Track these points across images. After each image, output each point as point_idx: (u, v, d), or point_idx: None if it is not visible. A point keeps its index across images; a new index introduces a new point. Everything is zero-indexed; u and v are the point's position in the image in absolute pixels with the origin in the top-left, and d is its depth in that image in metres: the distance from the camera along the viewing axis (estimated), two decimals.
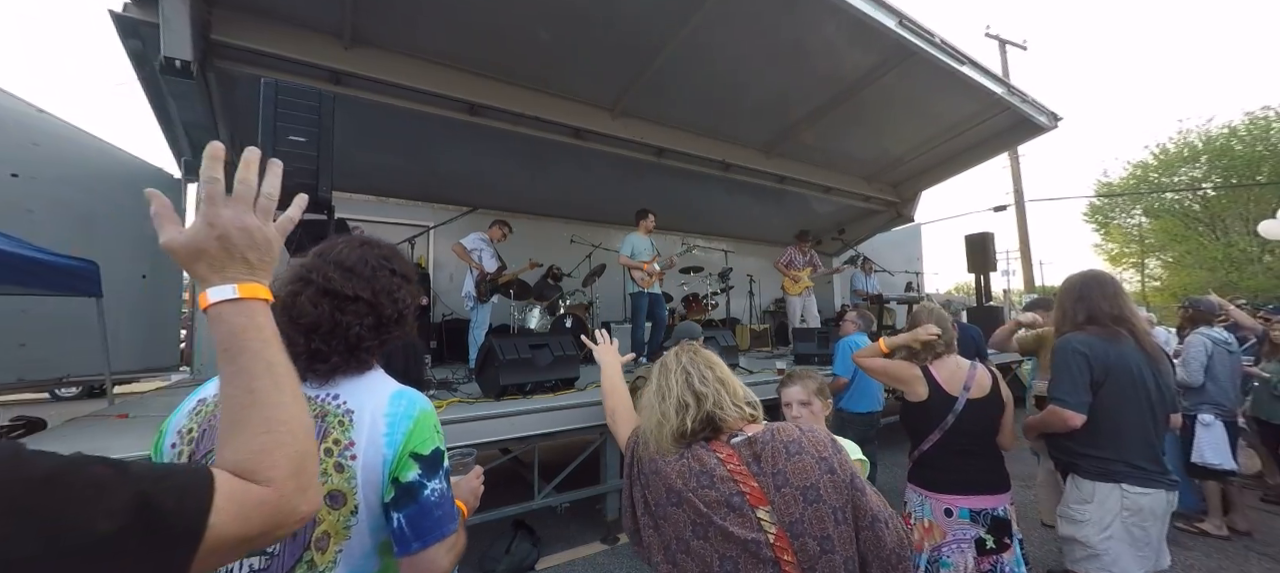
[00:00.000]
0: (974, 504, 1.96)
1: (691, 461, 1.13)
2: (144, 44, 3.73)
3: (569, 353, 4.06)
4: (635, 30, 4.85)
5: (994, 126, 7.20)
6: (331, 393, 0.97)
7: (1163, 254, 21.65)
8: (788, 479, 1.05)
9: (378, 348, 1.03)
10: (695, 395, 1.17)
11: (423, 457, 0.94)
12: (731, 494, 1.06)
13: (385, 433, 0.93)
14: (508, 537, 3.53)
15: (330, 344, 0.96)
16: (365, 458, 0.91)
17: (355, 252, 1.05)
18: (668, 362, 1.28)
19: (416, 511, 0.91)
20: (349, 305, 0.98)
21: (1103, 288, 2.12)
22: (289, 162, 3.02)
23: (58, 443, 2.56)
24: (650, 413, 1.23)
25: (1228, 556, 3.55)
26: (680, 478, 1.12)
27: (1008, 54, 14.19)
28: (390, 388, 1.00)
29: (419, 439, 0.95)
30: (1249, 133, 17.72)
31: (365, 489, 0.91)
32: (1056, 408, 2.01)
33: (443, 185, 7.03)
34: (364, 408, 0.95)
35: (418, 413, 0.98)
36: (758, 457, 1.09)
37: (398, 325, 1.05)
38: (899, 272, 9.31)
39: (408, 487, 0.92)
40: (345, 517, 0.89)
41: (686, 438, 1.15)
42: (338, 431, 0.93)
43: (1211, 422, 3.74)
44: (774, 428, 1.15)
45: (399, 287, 1.05)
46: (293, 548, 0.88)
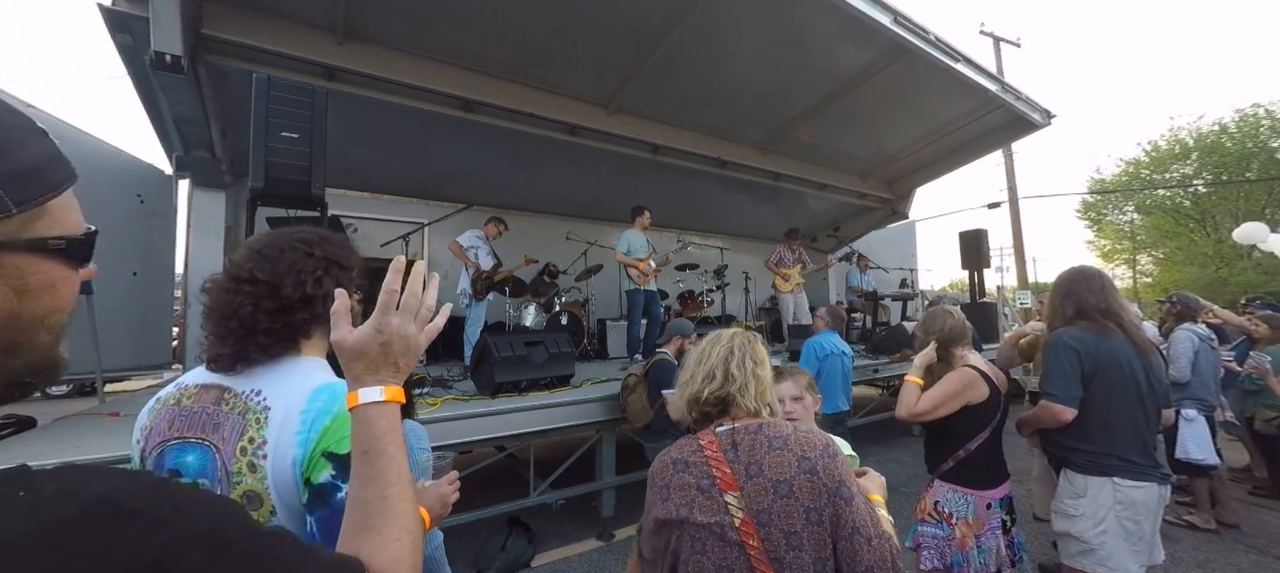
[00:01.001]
0: (1003, 493, 2.11)
1: (676, 451, 1.18)
2: (134, 38, 3.69)
3: (564, 350, 4.07)
4: (631, 27, 4.84)
5: (988, 124, 7.23)
6: (254, 389, 0.93)
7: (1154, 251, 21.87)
8: (762, 470, 1.07)
9: (285, 334, 0.97)
10: (726, 374, 1.21)
11: (338, 457, 0.87)
12: (702, 478, 1.11)
13: (297, 430, 0.88)
14: (503, 534, 3.53)
15: (226, 328, 0.94)
16: (274, 457, 0.87)
17: (272, 235, 1.02)
18: (722, 335, 1.31)
19: (327, 514, 0.84)
20: (243, 287, 0.95)
21: (1089, 283, 2.14)
22: (281, 158, 3.02)
23: (49, 442, 2.54)
24: (686, 372, 1.29)
25: (1215, 548, 3.60)
26: (660, 472, 1.18)
27: (1002, 51, 14.24)
28: (315, 383, 0.94)
29: (335, 438, 0.88)
30: (1239, 130, 17.89)
31: (278, 490, 0.87)
32: (1047, 403, 2.03)
33: (437, 182, 6.99)
34: (280, 404, 0.91)
35: (339, 409, 0.90)
36: (736, 445, 1.12)
37: (306, 308, 0.99)
38: (894, 269, 9.35)
39: (319, 489, 0.85)
40: (264, 518, 0.87)
41: (698, 407, 1.21)
42: (253, 428, 0.89)
43: (1195, 417, 3.79)
44: (764, 422, 1.16)
45: (312, 267, 1.00)
46: None
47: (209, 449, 0.90)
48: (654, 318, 5.72)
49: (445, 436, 3.09)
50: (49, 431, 2.90)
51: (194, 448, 0.91)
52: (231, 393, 0.94)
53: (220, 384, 0.96)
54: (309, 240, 1.04)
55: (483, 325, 5.36)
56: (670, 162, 6.79)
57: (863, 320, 8.30)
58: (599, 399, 3.72)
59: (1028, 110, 6.74)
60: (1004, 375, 2.24)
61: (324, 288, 1.01)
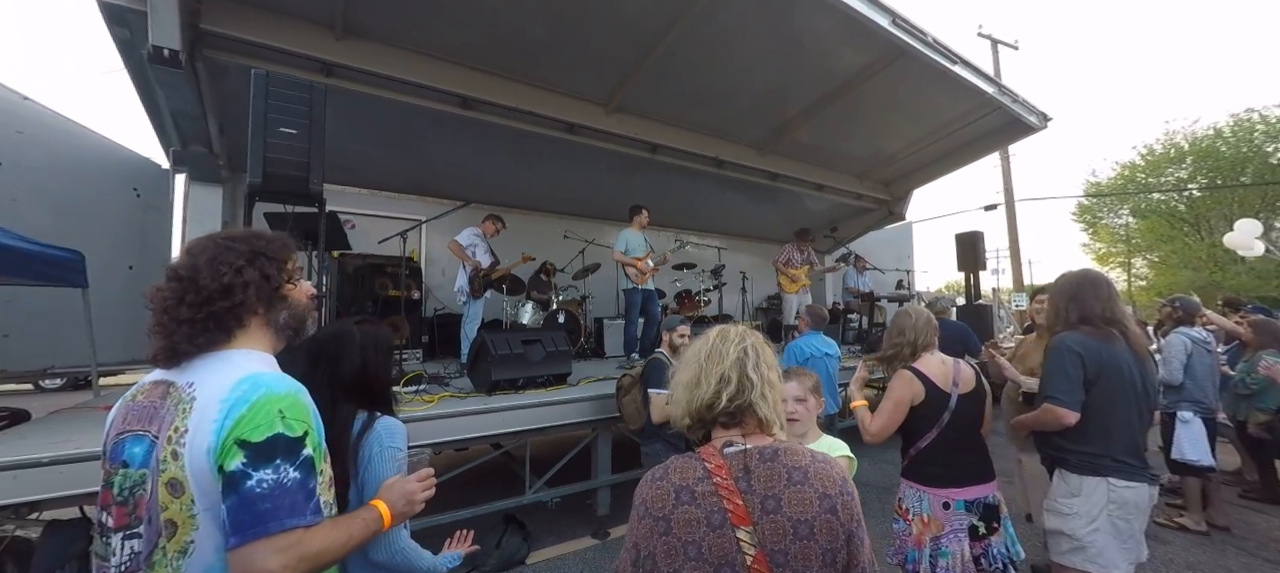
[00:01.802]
0: (968, 495, 2.04)
1: (676, 476, 1.02)
2: (131, 32, 3.68)
3: (561, 349, 4.07)
4: (630, 26, 4.84)
5: (985, 126, 7.26)
6: (189, 380, 0.98)
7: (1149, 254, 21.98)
8: (780, 506, 0.96)
9: (208, 324, 1.00)
10: (742, 378, 1.07)
11: (251, 444, 0.88)
12: (711, 511, 0.97)
13: (215, 418, 0.90)
14: (499, 531, 3.53)
15: (159, 324, 0.99)
16: (191, 444, 0.90)
17: (203, 237, 1.08)
18: (729, 332, 1.15)
19: (236, 502, 0.86)
20: (170, 284, 1.00)
21: (1096, 289, 2.15)
22: (279, 154, 3.01)
23: (43, 434, 2.53)
24: (689, 370, 1.12)
25: (1206, 550, 3.63)
26: (656, 501, 1.01)
27: (1000, 54, 14.29)
28: (241, 372, 0.96)
29: (250, 425, 0.89)
30: (1234, 135, 17.99)
31: (195, 478, 0.89)
32: (1051, 407, 2.04)
33: (435, 179, 6.98)
34: (204, 393, 0.94)
35: (257, 397, 0.92)
36: (749, 472, 1.00)
37: (225, 298, 1.01)
38: (891, 270, 9.36)
39: (230, 476, 0.87)
40: (187, 506, 0.90)
41: (707, 415, 1.08)
42: (179, 418, 0.93)
43: (1190, 419, 3.82)
44: (781, 447, 1.03)
45: (232, 259, 1.03)
46: (149, 534, 0.92)
47: (150, 441, 0.95)
48: (651, 317, 5.73)
49: (441, 433, 3.09)
50: (43, 424, 2.89)
51: (140, 440, 0.95)
52: (175, 387, 0.99)
53: (166, 380, 1.01)
54: (233, 236, 1.08)
55: (480, 323, 5.36)
56: (668, 161, 6.79)
57: (859, 321, 8.33)
58: (595, 398, 3.73)
59: (1024, 113, 6.77)
60: (972, 373, 2.20)
61: (243, 277, 1.03)
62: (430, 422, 3.03)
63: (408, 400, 3.40)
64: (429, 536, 3.43)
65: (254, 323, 1.07)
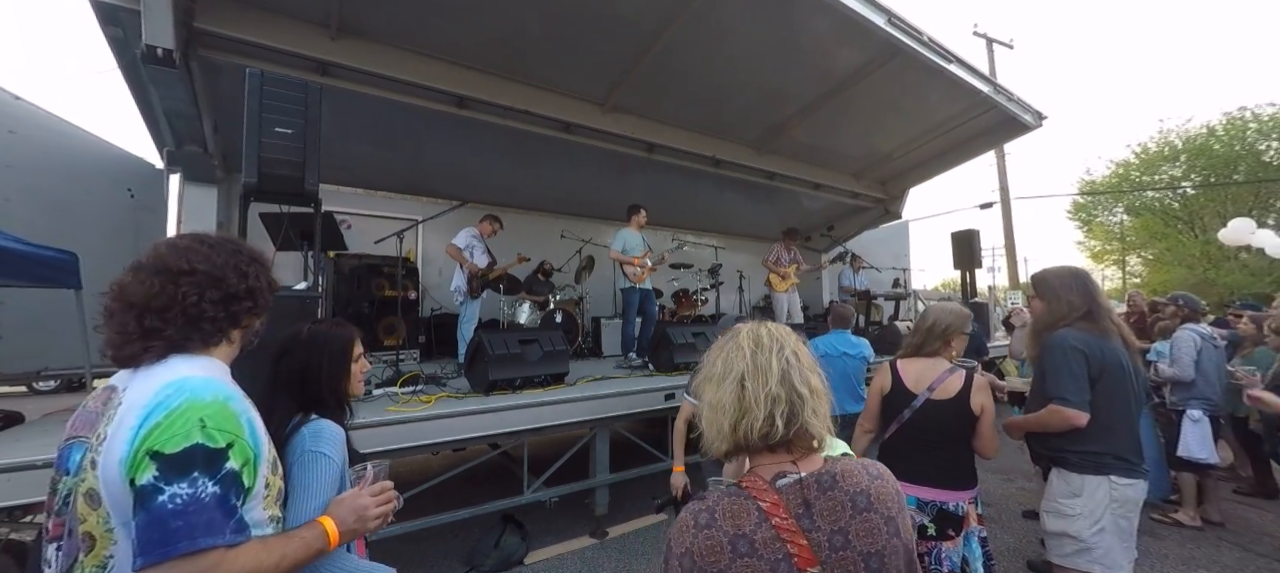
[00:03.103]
0: (922, 495, 2.03)
1: (726, 520, 0.86)
2: (125, 31, 3.65)
3: (559, 348, 4.06)
4: (626, 24, 4.83)
5: (980, 125, 7.28)
6: (126, 385, 0.92)
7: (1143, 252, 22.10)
8: (849, 541, 0.85)
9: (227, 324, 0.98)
10: (792, 395, 0.91)
11: (164, 456, 0.79)
12: (774, 559, 0.83)
13: (131, 426, 0.82)
14: (496, 531, 3.53)
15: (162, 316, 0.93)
16: (106, 452, 0.82)
17: (190, 235, 1.05)
18: (762, 338, 0.98)
19: (145, 519, 0.77)
20: (183, 279, 0.96)
21: (1096, 284, 2.15)
22: (274, 153, 3.00)
23: (37, 437, 2.52)
24: (728, 389, 0.94)
25: (1200, 546, 3.65)
26: (709, 554, 0.84)
27: (995, 53, 14.34)
28: (170, 376, 0.88)
29: (165, 434, 0.80)
30: (1227, 133, 18.11)
31: (108, 489, 0.82)
32: (1060, 408, 1.95)
33: (431, 179, 6.97)
34: (128, 398, 0.87)
35: (178, 404, 0.83)
36: (809, 505, 0.87)
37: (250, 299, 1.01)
38: (887, 268, 9.39)
39: (140, 491, 0.78)
40: (103, 518, 0.83)
41: (760, 444, 0.91)
42: (103, 424, 0.87)
43: (1200, 417, 3.77)
44: (838, 471, 0.90)
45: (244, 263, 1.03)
46: (69, 546, 0.87)
47: (85, 447, 0.91)
48: (649, 316, 5.73)
49: (439, 433, 3.09)
50: (37, 426, 2.87)
51: (80, 447, 0.92)
52: (117, 391, 0.94)
53: (114, 384, 0.96)
54: (232, 239, 1.07)
55: (477, 323, 5.35)
56: (665, 160, 6.79)
57: (856, 320, 8.34)
58: (593, 398, 3.73)
59: (1019, 112, 6.80)
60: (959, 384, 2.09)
61: (260, 281, 1.04)
62: (427, 422, 3.03)
63: (405, 400, 3.40)
64: (429, 535, 3.44)
65: (246, 324, 1.06)
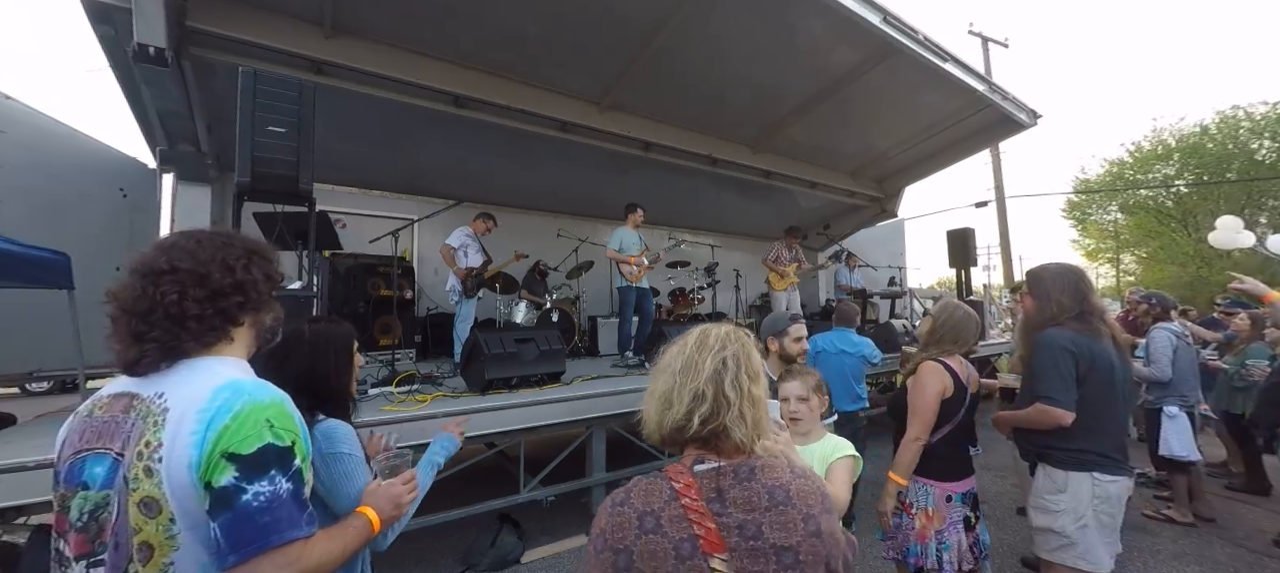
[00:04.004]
0: (965, 488, 2.12)
1: (639, 499, 0.90)
2: (116, 30, 3.62)
3: (555, 348, 4.06)
4: (623, 23, 4.83)
5: (976, 123, 7.31)
6: (158, 391, 0.91)
7: (1137, 250, 22.24)
8: (761, 532, 0.85)
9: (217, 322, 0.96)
10: (718, 395, 0.94)
11: (241, 457, 0.83)
12: (681, 540, 0.85)
13: (193, 431, 0.84)
14: (493, 530, 3.53)
15: (148, 323, 0.92)
16: (169, 460, 0.83)
17: (182, 233, 1.03)
18: (710, 337, 1.02)
19: (231, 518, 0.82)
20: (165, 279, 0.93)
21: (1090, 284, 2.15)
22: (268, 153, 2.98)
23: (29, 439, 2.50)
24: (663, 381, 0.99)
25: (1193, 542, 3.68)
26: (617, 531, 0.88)
27: (990, 51, 14.37)
28: (217, 381, 0.90)
29: (236, 438, 0.84)
30: (1220, 132, 18.24)
31: (175, 495, 0.83)
32: (1046, 407, 1.99)
33: (427, 178, 6.95)
34: (179, 405, 0.87)
35: (241, 407, 0.86)
36: (722, 493, 0.89)
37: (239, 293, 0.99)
38: (882, 267, 9.42)
39: (221, 492, 0.82)
40: (165, 525, 0.84)
41: (679, 437, 0.96)
42: (150, 431, 0.86)
43: (1177, 413, 3.84)
44: (758, 465, 0.93)
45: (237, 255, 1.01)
46: (116, 559, 0.85)
47: (112, 460, 0.88)
48: (645, 315, 5.73)
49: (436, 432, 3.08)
50: (30, 427, 2.85)
51: (101, 460, 0.89)
52: (139, 399, 0.91)
53: (130, 391, 0.94)
54: (224, 233, 1.05)
55: (473, 322, 5.34)
56: (662, 159, 6.79)
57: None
58: (590, 397, 3.73)
59: (1015, 110, 6.83)
60: (976, 375, 2.25)
61: (252, 275, 1.01)
62: (424, 422, 3.02)
63: (401, 400, 3.39)
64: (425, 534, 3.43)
65: (248, 323, 1.03)
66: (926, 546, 2.06)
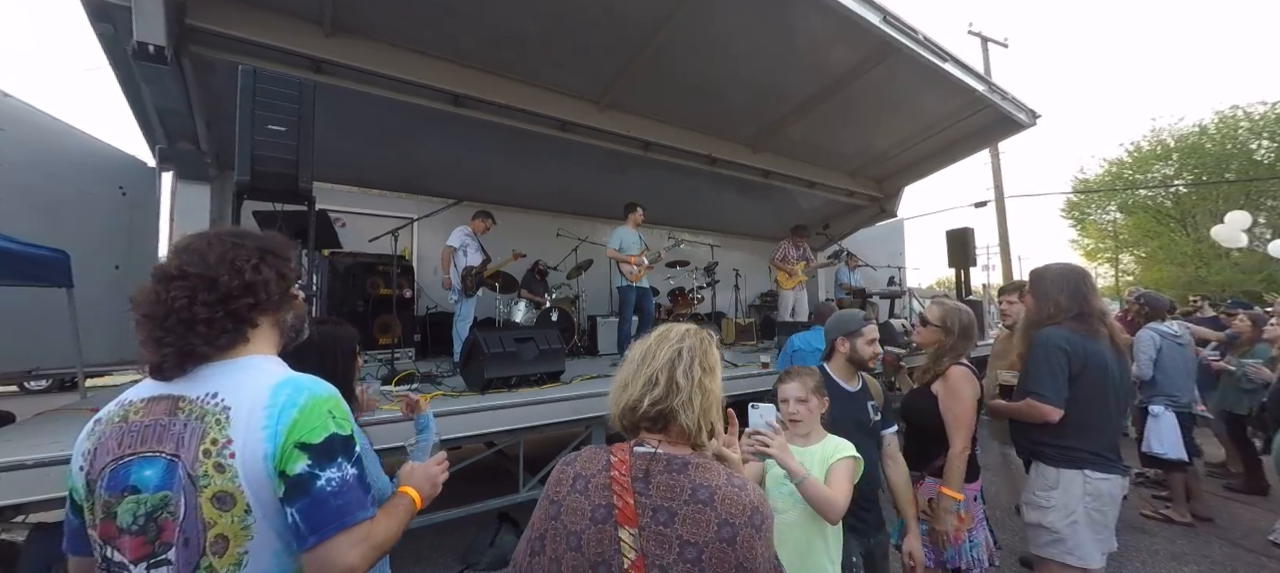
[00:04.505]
0: (979, 487, 2.20)
1: (579, 464, 1.02)
2: (116, 28, 3.61)
3: (555, 347, 4.06)
4: (622, 22, 4.83)
5: (975, 123, 7.31)
6: (209, 392, 0.93)
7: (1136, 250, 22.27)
8: (673, 521, 0.90)
9: (228, 324, 0.97)
10: (670, 381, 1.01)
11: (311, 445, 0.90)
12: (598, 506, 0.94)
13: (263, 425, 0.89)
14: (492, 529, 3.54)
15: (164, 328, 0.93)
16: (244, 454, 0.88)
17: (195, 235, 1.03)
18: (671, 332, 1.11)
19: (308, 503, 0.87)
20: (175, 284, 0.94)
21: (1091, 285, 2.18)
22: (268, 151, 2.98)
23: (28, 437, 2.50)
24: (625, 369, 1.09)
25: (1190, 541, 3.69)
26: (555, 485, 1.01)
27: (990, 51, 14.37)
28: (273, 379, 0.95)
29: (305, 428, 0.90)
30: (1218, 132, 18.27)
31: (251, 487, 0.88)
32: (1035, 403, 2.05)
33: (427, 177, 6.94)
34: (242, 402, 0.91)
35: (304, 401, 0.92)
36: (648, 475, 0.95)
37: (249, 295, 0.99)
38: (882, 266, 9.43)
39: (297, 479, 0.88)
40: (239, 517, 0.88)
41: (632, 418, 1.03)
42: (215, 429, 0.90)
43: (1161, 413, 3.86)
44: (694, 463, 0.97)
45: (247, 256, 1.01)
46: (187, 555, 0.86)
47: (167, 461, 0.89)
48: (645, 314, 5.73)
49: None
50: (29, 425, 2.85)
51: (150, 462, 0.89)
52: (185, 401, 0.93)
53: (171, 394, 0.94)
54: (236, 233, 1.05)
55: (472, 322, 5.34)
56: (661, 158, 6.78)
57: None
58: (589, 396, 3.73)
59: (1014, 110, 6.83)
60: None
61: (262, 275, 1.01)
62: None
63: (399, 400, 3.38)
64: (424, 533, 3.43)
65: (266, 324, 1.04)
66: (960, 547, 2.09)
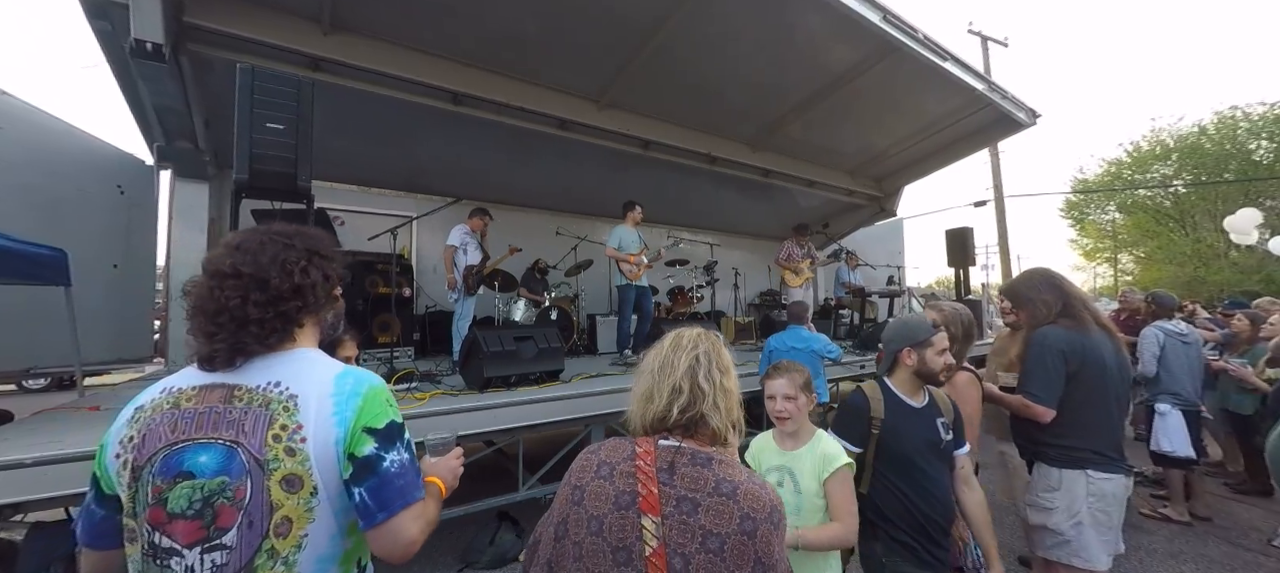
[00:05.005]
0: None
1: (604, 452, 1.04)
2: (113, 25, 3.61)
3: (554, 345, 4.06)
4: (622, 20, 4.82)
5: (975, 122, 7.31)
6: (271, 381, 0.97)
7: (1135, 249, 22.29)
8: (696, 512, 0.92)
9: (277, 325, 1.00)
10: (694, 387, 1.04)
11: (377, 430, 0.96)
12: (623, 491, 0.95)
13: (334, 412, 0.95)
14: (492, 528, 3.53)
15: (216, 324, 0.97)
16: (315, 439, 0.93)
17: (249, 232, 1.06)
18: (684, 338, 1.12)
19: (376, 482, 0.93)
20: (228, 282, 0.98)
21: (1061, 275, 2.19)
22: (266, 149, 2.98)
23: (27, 436, 2.49)
24: (644, 382, 1.10)
25: (1188, 540, 3.69)
26: (580, 471, 1.03)
27: (989, 51, 14.37)
28: (334, 369, 1.02)
29: (371, 414, 0.97)
30: (1217, 132, 18.27)
31: (321, 470, 0.92)
32: (1027, 403, 2.06)
33: (426, 175, 6.93)
34: (308, 391, 0.96)
35: (366, 390, 0.99)
36: (673, 467, 0.97)
37: (297, 298, 1.03)
38: (881, 266, 9.43)
39: (366, 460, 0.94)
40: (305, 499, 0.92)
41: (661, 429, 1.04)
42: (284, 416, 0.94)
43: (1167, 411, 3.86)
44: (718, 458, 0.99)
45: (296, 258, 1.04)
46: (250, 538, 0.88)
47: (225, 447, 0.91)
48: (645, 313, 5.73)
49: (434, 429, 3.08)
50: (27, 424, 2.84)
51: (206, 448, 0.91)
52: (242, 389, 0.96)
53: (224, 382, 0.97)
54: (287, 232, 1.08)
55: (472, 320, 5.33)
56: (661, 157, 6.78)
57: (851, 317, 8.37)
58: (588, 395, 3.72)
59: (1014, 109, 6.83)
60: None
61: (310, 277, 1.05)
62: (423, 419, 3.02)
63: (399, 398, 3.38)
64: None
65: (309, 323, 1.08)
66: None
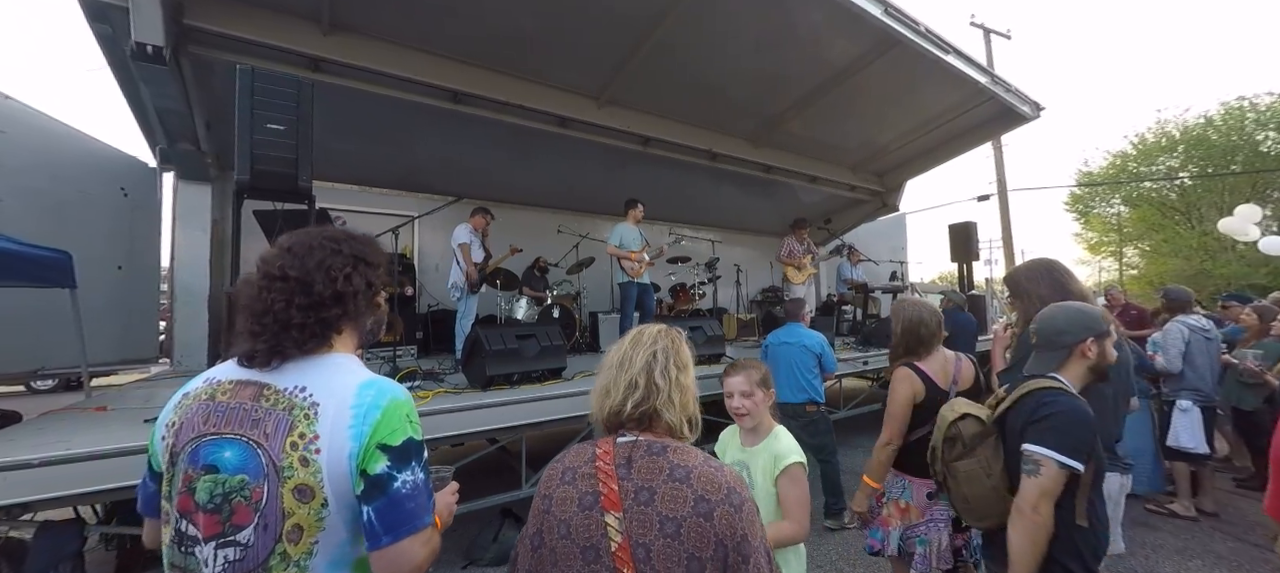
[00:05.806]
0: (931, 485, 2.06)
1: (569, 458, 1.07)
2: (114, 28, 3.62)
3: (556, 344, 4.06)
4: (621, 17, 4.81)
5: (978, 116, 7.27)
6: (298, 385, 0.96)
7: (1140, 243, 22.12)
8: (653, 500, 0.95)
9: (318, 330, 1.00)
10: (650, 383, 1.06)
11: (391, 448, 0.92)
12: (586, 493, 0.99)
13: (350, 424, 0.91)
14: (495, 525, 3.55)
15: (261, 324, 0.96)
16: (329, 451, 0.90)
17: (301, 234, 1.05)
18: (644, 335, 1.15)
19: (385, 503, 0.89)
20: (276, 284, 0.98)
21: (1064, 270, 2.14)
22: (267, 150, 2.99)
23: (34, 437, 2.51)
24: (603, 377, 1.13)
25: (1194, 535, 3.68)
26: (547, 482, 1.07)
27: (992, 43, 14.28)
28: (360, 378, 0.98)
29: (387, 430, 0.92)
30: (1224, 123, 18.07)
31: (332, 482, 0.90)
32: None
33: (426, 175, 6.95)
34: (329, 400, 0.94)
35: (387, 403, 0.95)
36: (630, 461, 1.00)
37: (338, 305, 1.02)
38: (884, 261, 9.41)
39: (376, 479, 0.90)
40: (316, 510, 0.90)
41: (616, 422, 1.07)
42: (303, 424, 0.92)
43: (1189, 407, 3.82)
44: (671, 445, 1.02)
45: (341, 264, 1.03)
46: (265, 539, 0.89)
47: (248, 445, 0.91)
48: (646, 311, 5.73)
49: (437, 429, 3.08)
50: (34, 425, 2.87)
51: (231, 444, 0.92)
52: (272, 389, 0.96)
53: (257, 380, 0.97)
54: (336, 238, 1.08)
55: (474, 319, 5.34)
56: (661, 154, 6.78)
57: (853, 313, 8.36)
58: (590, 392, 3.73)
59: (1017, 103, 6.79)
60: (972, 370, 2.22)
61: (353, 285, 1.04)
62: (426, 418, 3.03)
63: None
64: None
65: (349, 329, 1.07)
66: (888, 533, 2.11)
